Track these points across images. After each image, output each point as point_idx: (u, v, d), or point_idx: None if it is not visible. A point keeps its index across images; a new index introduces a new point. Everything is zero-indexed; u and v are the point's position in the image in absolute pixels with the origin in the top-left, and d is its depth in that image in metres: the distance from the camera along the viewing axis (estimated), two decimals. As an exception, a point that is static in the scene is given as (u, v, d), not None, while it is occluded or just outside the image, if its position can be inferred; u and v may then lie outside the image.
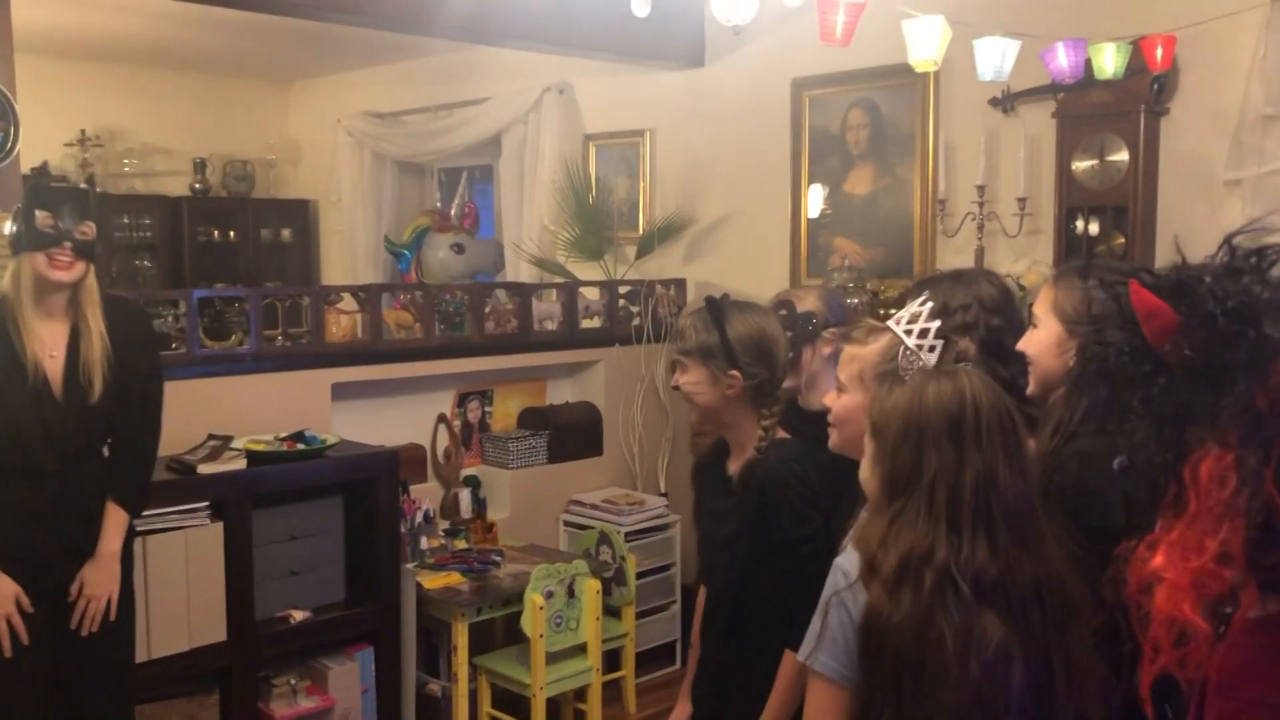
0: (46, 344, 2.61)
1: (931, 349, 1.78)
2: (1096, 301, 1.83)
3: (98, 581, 2.67)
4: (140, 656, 2.98)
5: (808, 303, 2.59)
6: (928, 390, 1.57)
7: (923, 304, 1.86)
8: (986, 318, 2.13)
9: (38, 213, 2.55)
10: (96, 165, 6.68)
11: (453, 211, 6.03)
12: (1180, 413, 0.97)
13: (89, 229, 2.60)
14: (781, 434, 2.22)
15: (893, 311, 1.96)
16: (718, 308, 2.22)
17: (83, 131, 6.59)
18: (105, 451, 2.77)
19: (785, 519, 2.09)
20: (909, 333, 1.82)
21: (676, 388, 2.27)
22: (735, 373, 2.17)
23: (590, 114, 5.75)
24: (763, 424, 2.19)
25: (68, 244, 2.55)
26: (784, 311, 2.59)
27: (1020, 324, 2.12)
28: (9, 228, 2.63)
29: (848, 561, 1.59)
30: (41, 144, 5.72)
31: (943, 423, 1.54)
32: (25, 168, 3.49)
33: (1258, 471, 0.90)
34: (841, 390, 1.88)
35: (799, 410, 2.50)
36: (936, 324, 1.82)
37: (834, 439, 1.90)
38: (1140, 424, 1.00)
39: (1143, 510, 1.01)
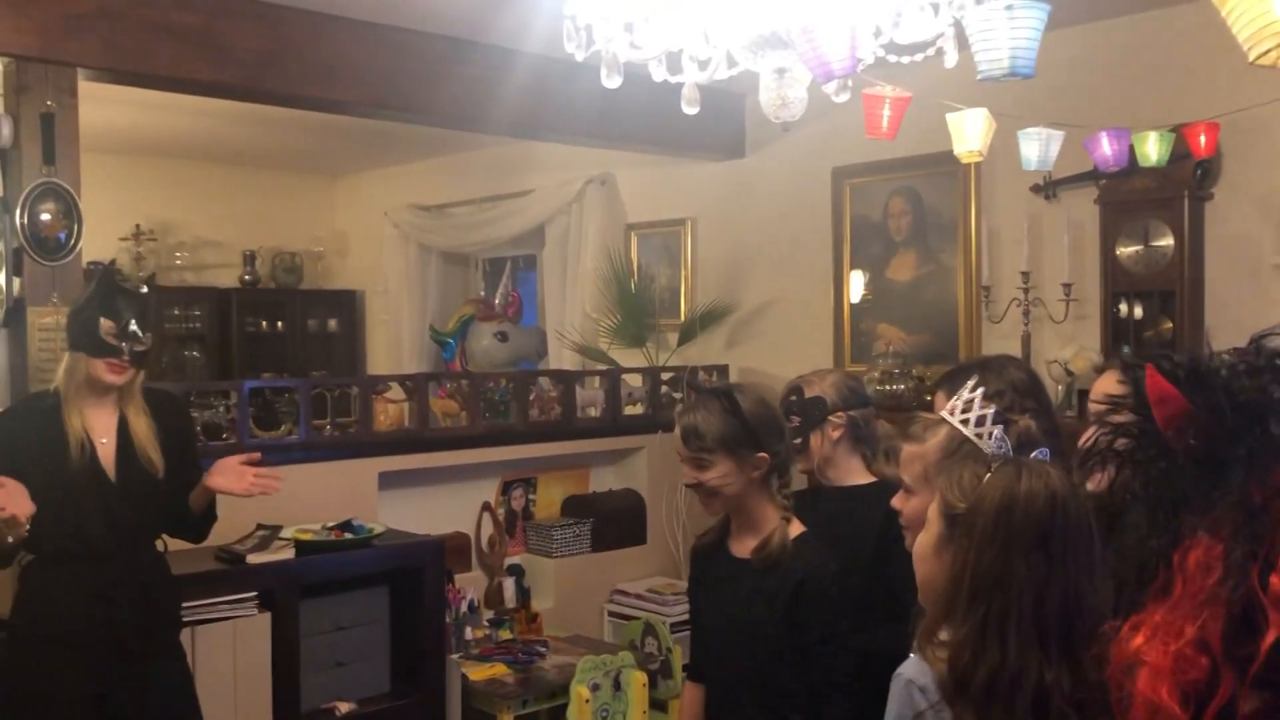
0: (97, 431, 2.70)
1: (991, 435, 1.76)
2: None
3: (228, 480, 2.76)
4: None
5: (818, 388, 2.58)
6: (1019, 488, 1.48)
7: (974, 390, 1.84)
8: (1020, 402, 2.12)
9: (102, 320, 2.63)
10: (150, 258, 6.85)
11: (497, 300, 6.11)
12: (1177, 499, 0.97)
13: (147, 340, 2.71)
14: (797, 525, 2.21)
15: (929, 399, 1.96)
16: (727, 395, 2.18)
17: (137, 226, 6.77)
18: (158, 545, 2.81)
19: (826, 617, 2.10)
20: (965, 422, 1.80)
21: (696, 485, 2.21)
22: (762, 455, 2.15)
23: (632, 204, 5.83)
24: (782, 496, 2.19)
25: (126, 357, 2.66)
26: (793, 397, 2.58)
27: (1050, 407, 2.12)
28: (68, 321, 2.72)
29: (919, 674, 1.49)
30: (99, 238, 5.88)
31: (1034, 529, 1.45)
32: (84, 262, 3.58)
33: (1243, 565, 0.91)
34: (910, 492, 1.83)
35: (822, 490, 2.50)
36: (992, 410, 1.80)
37: (909, 541, 1.86)
38: (1136, 505, 1.01)
39: (1131, 592, 1.03)
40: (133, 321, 2.67)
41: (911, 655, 1.54)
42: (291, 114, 4.88)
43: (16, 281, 3.33)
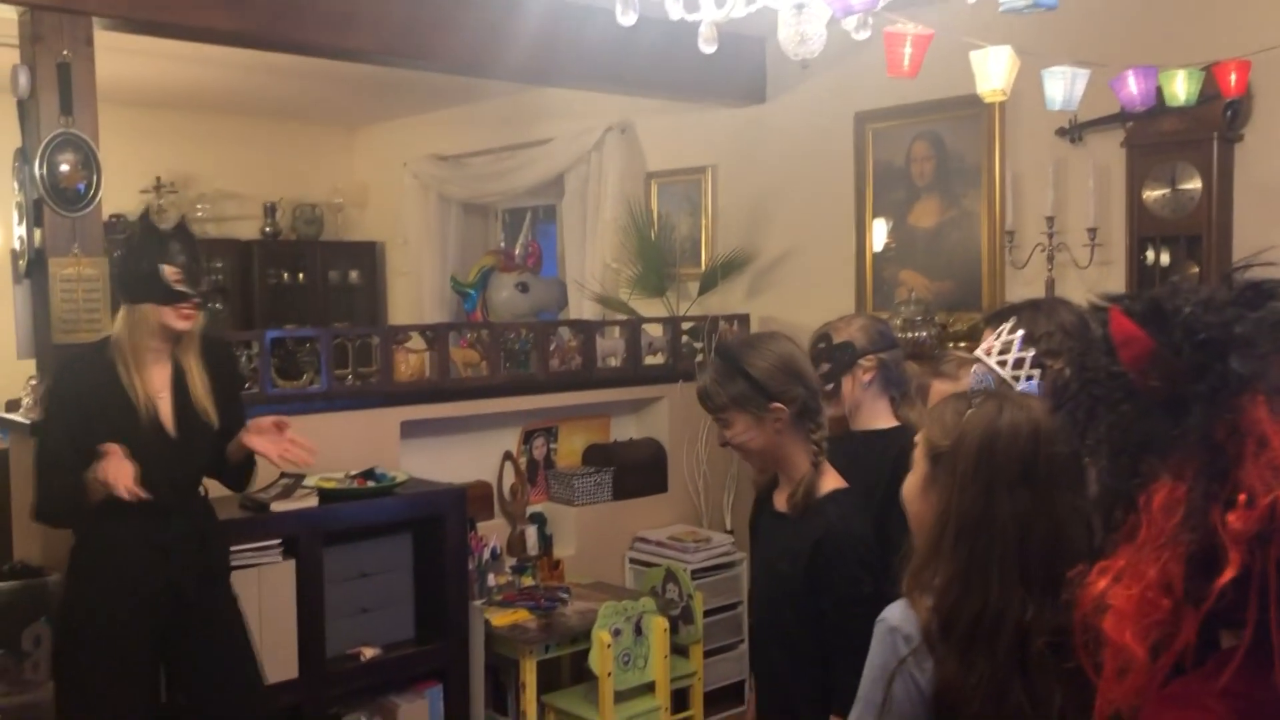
0: (155, 385, 2.70)
1: (1029, 378, 1.74)
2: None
3: (264, 443, 2.76)
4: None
5: (846, 333, 2.56)
6: (1000, 421, 1.46)
7: (1013, 333, 1.81)
8: (1069, 344, 2.09)
9: (164, 268, 2.63)
10: (171, 211, 6.85)
11: (517, 251, 6.09)
12: (1140, 441, 0.96)
13: (207, 281, 2.75)
14: (834, 476, 2.16)
15: (961, 345, 1.93)
16: (731, 355, 2.16)
17: (158, 178, 6.78)
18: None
19: (838, 581, 2.04)
20: (1002, 364, 1.78)
21: (726, 445, 2.21)
22: (776, 405, 2.11)
23: (652, 152, 5.79)
24: (813, 439, 2.13)
25: (196, 299, 2.67)
26: (822, 344, 2.56)
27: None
28: (120, 274, 2.74)
29: (903, 621, 1.47)
30: (119, 191, 5.89)
31: (1017, 463, 1.43)
32: (105, 214, 3.59)
33: (1204, 504, 0.90)
34: None
35: (846, 434, 2.47)
36: (1031, 353, 1.77)
37: None
38: (1100, 449, 1.00)
39: (1100, 536, 1.02)
40: (192, 262, 2.68)
41: (899, 600, 1.51)
42: (310, 64, 4.85)
43: (37, 233, 3.34)
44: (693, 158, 5.54)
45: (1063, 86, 3.01)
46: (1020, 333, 1.79)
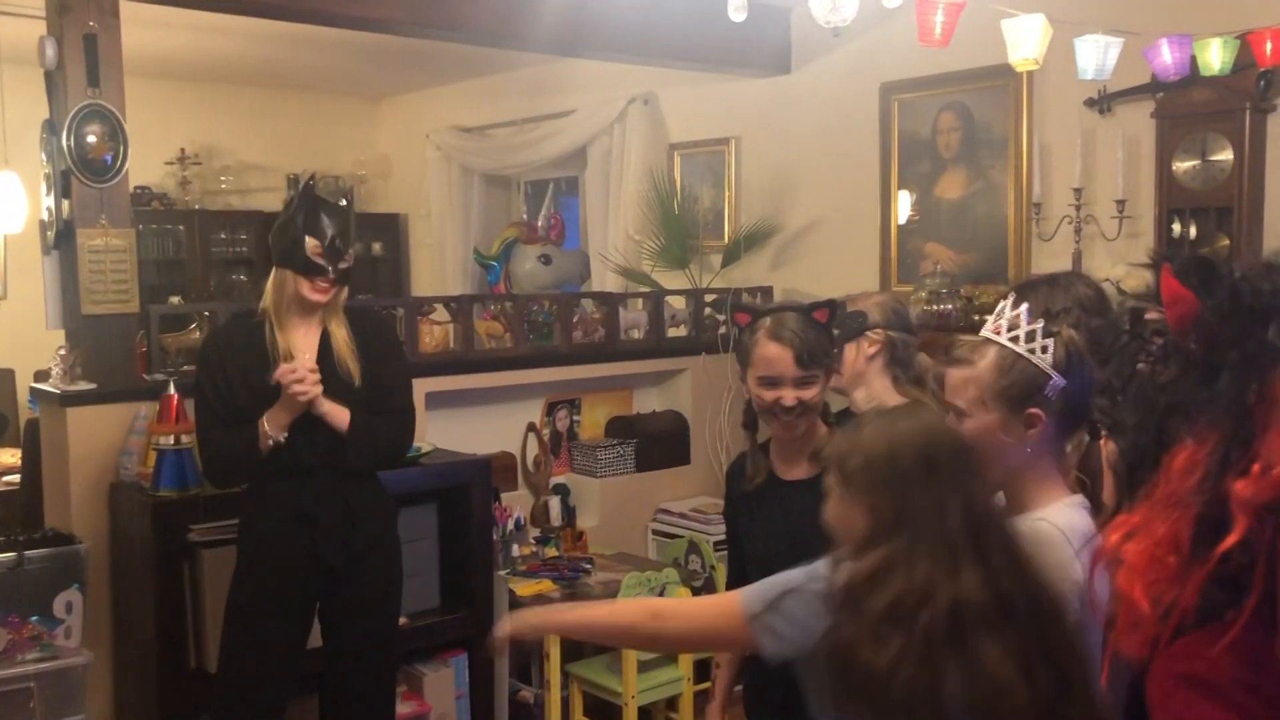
0: (300, 346, 2.73)
1: (1044, 350, 1.74)
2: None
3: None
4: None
5: (861, 304, 2.55)
6: (896, 430, 1.60)
7: (1016, 308, 1.80)
8: (1087, 320, 2.08)
9: (307, 239, 2.65)
10: (195, 182, 6.89)
11: (539, 223, 6.08)
12: (1170, 401, 0.98)
13: (350, 257, 2.75)
14: None
15: (985, 318, 1.91)
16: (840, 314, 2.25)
17: (182, 150, 6.80)
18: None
19: None
20: (1014, 340, 1.77)
21: (795, 407, 2.18)
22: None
23: (675, 123, 5.76)
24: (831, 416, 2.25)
25: (331, 275, 2.68)
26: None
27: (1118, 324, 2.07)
28: (274, 236, 2.75)
29: (825, 569, 1.60)
30: (144, 162, 5.91)
31: (919, 461, 1.55)
32: (131, 186, 3.60)
33: (1219, 470, 0.91)
34: (963, 416, 1.79)
35: (851, 416, 2.47)
36: (1041, 324, 1.77)
37: None
38: (1126, 406, 1.01)
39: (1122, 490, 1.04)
40: (337, 239, 2.69)
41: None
42: (333, 35, 4.84)
43: (65, 204, 3.36)
44: (716, 129, 5.52)
45: (1095, 55, 2.98)
46: (1025, 306, 1.78)
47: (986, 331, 1.80)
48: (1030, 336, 1.75)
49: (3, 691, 2.95)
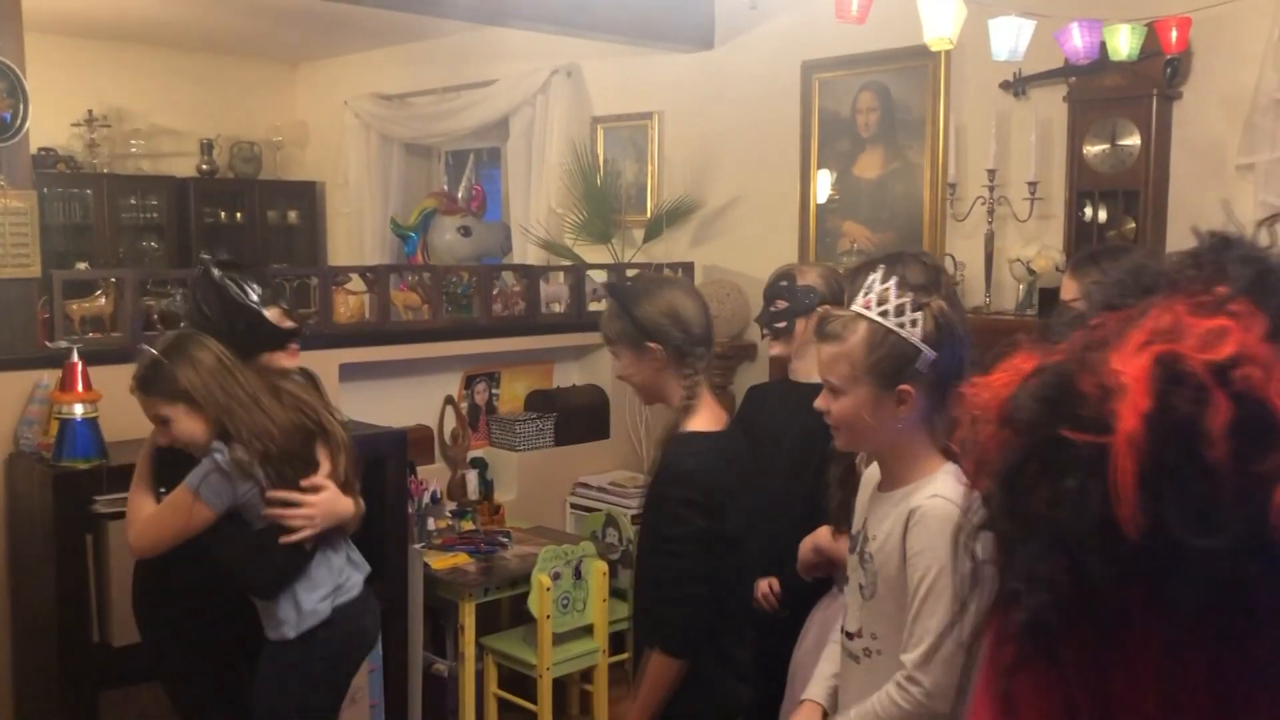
0: None
1: (914, 323, 1.74)
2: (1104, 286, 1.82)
3: None
4: (129, 638, 2.94)
5: (809, 277, 2.63)
6: None
7: (885, 282, 1.79)
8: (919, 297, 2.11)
9: (268, 311, 2.53)
10: (104, 146, 6.68)
11: (460, 194, 6.02)
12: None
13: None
14: (704, 418, 2.24)
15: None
16: (621, 294, 2.33)
17: (90, 112, 6.58)
18: None
19: (666, 514, 2.17)
20: (884, 314, 1.76)
21: (620, 377, 2.39)
22: (653, 345, 2.24)
23: (599, 96, 5.73)
24: (684, 384, 2.25)
25: (303, 330, 2.61)
26: (784, 283, 2.63)
27: (956, 298, 2.08)
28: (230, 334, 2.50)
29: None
30: (50, 123, 5.71)
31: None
32: (34, 147, 3.48)
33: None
34: (837, 392, 1.79)
35: (797, 388, 2.54)
36: (910, 298, 1.76)
37: (843, 441, 1.86)
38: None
39: None
40: (279, 294, 2.61)
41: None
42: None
43: (-39, 163, 3.23)
44: (640, 103, 5.50)
45: (1009, 37, 3.03)
46: (894, 279, 1.77)
47: (856, 306, 1.78)
48: (900, 310, 1.75)
49: (-106, 667, 2.85)
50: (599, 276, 4.86)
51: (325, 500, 2.46)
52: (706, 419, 2.24)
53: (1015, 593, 0.64)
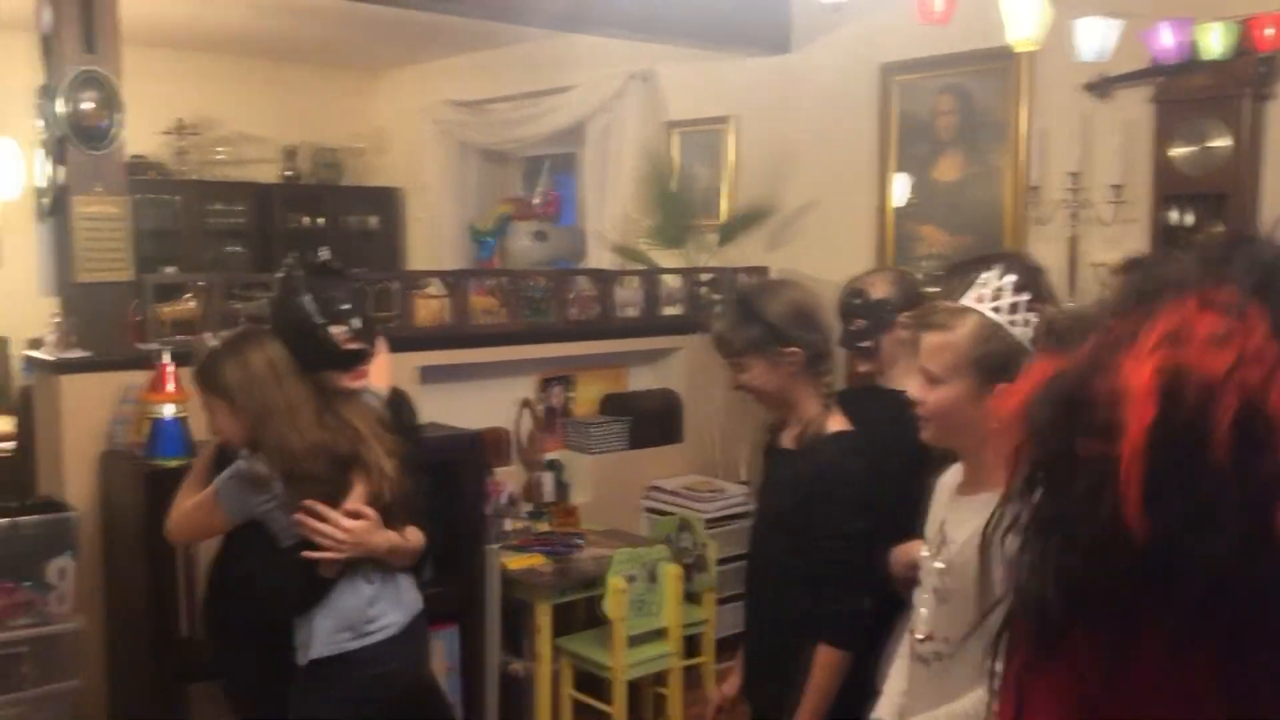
0: None
1: (1026, 323, 1.73)
2: None
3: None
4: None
5: (880, 288, 2.57)
6: None
7: (1000, 280, 1.78)
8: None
9: (333, 329, 2.36)
10: (192, 153, 6.86)
11: (535, 200, 6.07)
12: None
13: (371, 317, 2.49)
14: (840, 420, 2.21)
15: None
16: (747, 300, 2.25)
17: (179, 120, 6.77)
18: None
19: (829, 515, 2.13)
20: (996, 310, 1.75)
21: (739, 388, 2.28)
22: (792, 349, 2.18)
23: (674, 101, 5.74)
24: (824, 383, 2.21)
25: (371, 350, 2.44)
26: (858, 300, 2.57)
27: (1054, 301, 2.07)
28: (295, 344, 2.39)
29: None
30: (140, 132, 5.87)
31: None
32: (127, 153, 3.58)
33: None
34: (935, 382, 1.78)
35: (881, 391, 2.49)
36: (1026, 298, 1.75)
37: (930, 433, 1.84)
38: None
39: None
40: (359, 308, 2.41)
41: None
42: (334, 6, 4.81)
43: (60, 170, 3.34)
44: (715, 108, 5.50)
45: (1096, 37, 2.98)
46: (1011, 278, 1.76)
47: (968, 300, 1.77)
48: (1013, 309, 1.74)
49: (-5, 656, 2.96)
50: (672, 281, 4.87)
51: (360, 528, 2.33)
52: (841, 421, 2.22)
53: (1029, 591, 0.66)
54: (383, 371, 2.64)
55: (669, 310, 4.82)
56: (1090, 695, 0.65)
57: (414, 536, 2.50)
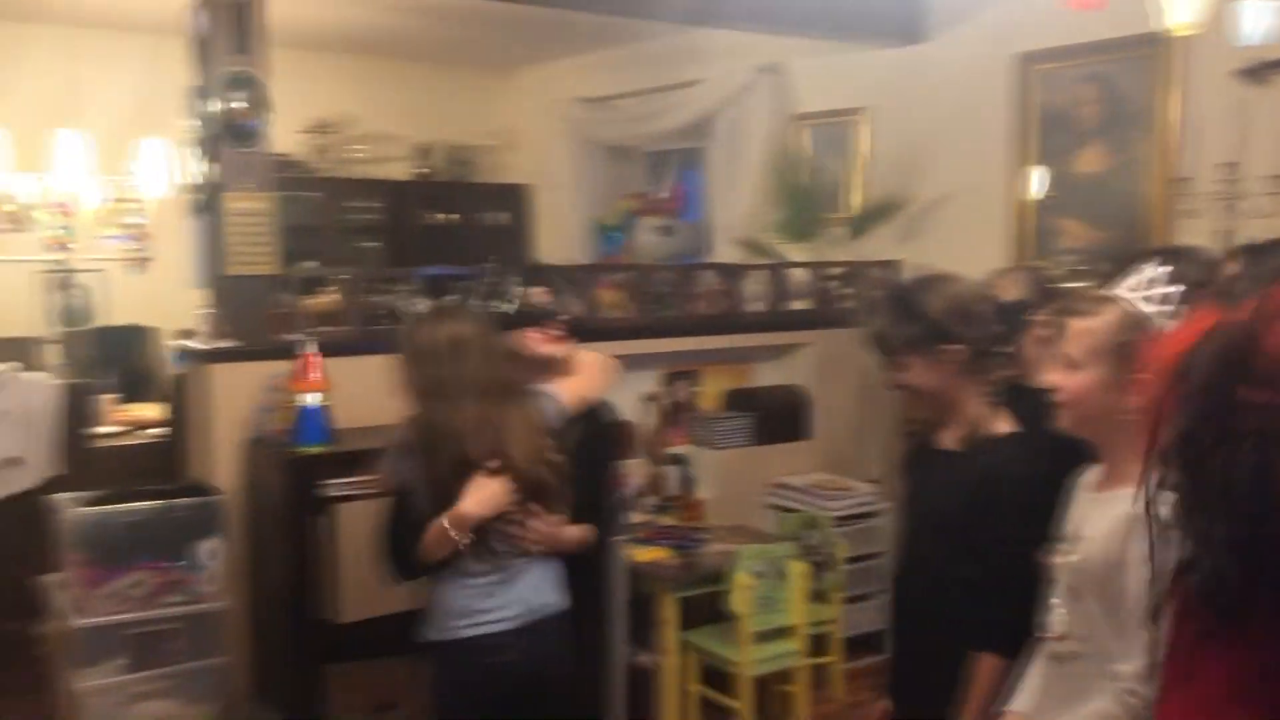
0: None
1: (1171, 315, 1.66)
2: None
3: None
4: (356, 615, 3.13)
5: (1011, 290, 2.49)
6: None
7: (1154, 271, 1.73)
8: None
9: (534, 290, 2.59)
10: (330, 151, 7.08)
11: (660, 195, 6.09)
12: None
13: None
14: (1007, 420, 2.13)
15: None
16: (907, 296, 2.14)
17: (318, 119, 6.99)
18: None
19: (998, 520, 2.02)
20: (1147, 300, 1.70)
21: (899, 387, 2.17)
22: (954, 346, 2.07)
23: (803, 93, 5.69)
24: (987, 381, 2.11)
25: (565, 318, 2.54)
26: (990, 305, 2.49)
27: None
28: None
29: None
30: (282, 131, 6.08)
31: None
32: (273, 150, 3.72)
33: None
34: (1074, 367, 1.75)
35: (1022, 390, 2.40)
36: (1179, 289, 1.69)
37: (1067, 420, 1.79)
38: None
39: None
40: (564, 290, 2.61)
41: None
42: (468, 5, 4.89)
43: (212, 167, 3.49)
44: (845, 99, 5.42)
45: (1257, 19, 2.83)
46: (1166, 268, 1.70)
47: (1119, 289, 1.74)
48: (1162, 299, 1.69)
49: (148, 632, 3.11)
50: (800, 276, 4.82)
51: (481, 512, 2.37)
52: (1008, 420, 2.11)
53: (1195, 558, 0.63)
54: (579, 384, 2.67)
55: (796, 305, 4.78)
56: (1270, 662, 0.61)
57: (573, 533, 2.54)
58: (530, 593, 2.50)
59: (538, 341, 2.54)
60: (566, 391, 2.63)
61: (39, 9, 5.54)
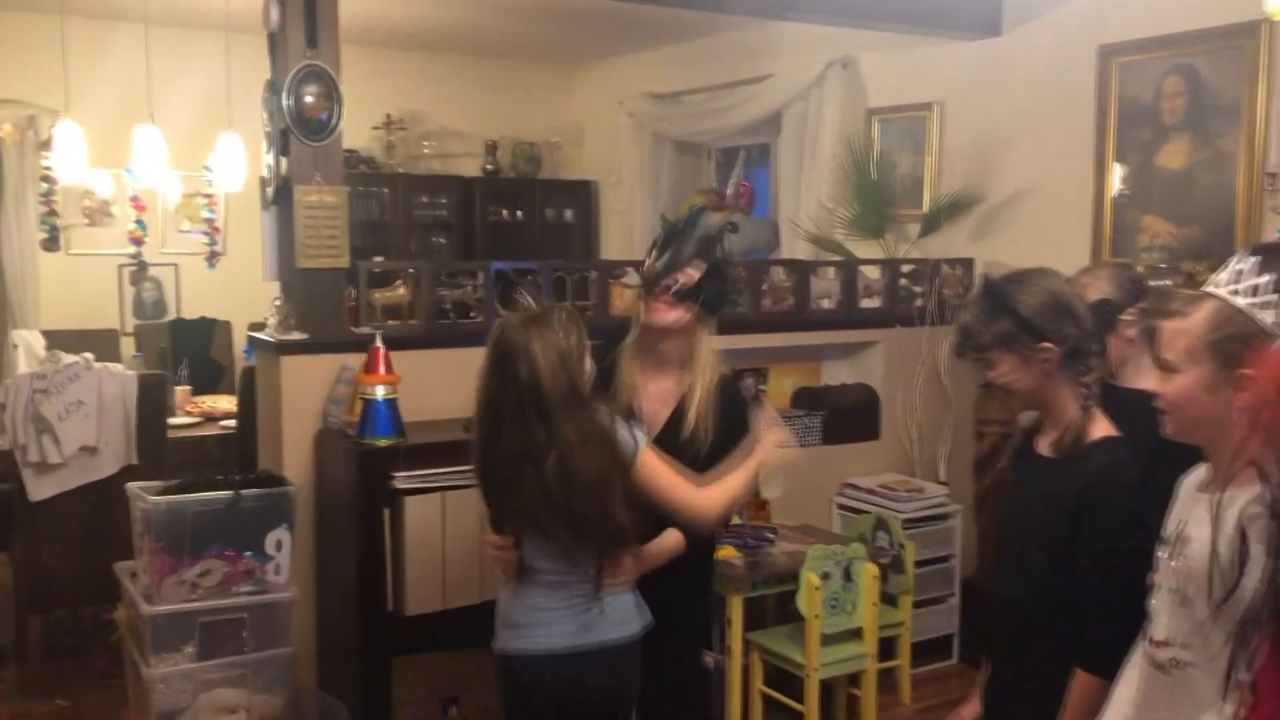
0: (651, 396, 2.53)
1: (1267, 306, 1.59)
2: None
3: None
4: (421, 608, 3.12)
5: (1096, 289, 2.39)
6: None
7: (1247, 264, 1.65)
8: None
9: (653, 254, 2.47)
10: (400, 147, 7.14)
11: (728, 191, 6.03)
12: None
13: (691, 273, 2.45)
14: (1105, 423, 2.04)
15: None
16: (998, 291, 2.05)
17: (388, 115, 7.05)
18: None
19: (1102, 530, 1.94)
20: (1236, 293, 1.63)
21: (989, 386, 2.09)
22: (1047, 345, 2.00)
23: (875, 88, 5.60)
24: (1083, 381, 2.02)
25: (671, 287, 2.42)
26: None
27: None
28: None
29: None
30: (352, 126, 6.14)
31: None
32: (343, 145, 3.73)
33: None
34: (1172, 370, 1.69)
35: (1115, 390, 2.31)
36: (1270, 278, 1.61)
37: (1171, 426, 1.73)
38: None
39: None
40: (683, 249, 2.42)
41: None
42: (536, 1, 4.87)
43: (284, 161, 3.51)
44: (919, 93, 5.33)
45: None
46: (1253, 259, 1.63)
47: (1208, 286, 1.69)
48: (1255, 290, 1.61)
49: (218, 620, 3.14)
50: (871, 273, 4.74)
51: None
52: (1105, 424, 2.03)
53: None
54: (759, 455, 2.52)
55: (867, 303, 4.70)
56: None
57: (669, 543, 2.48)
58: (601, 619, 2.36)
59: (646, 311, 2.48)
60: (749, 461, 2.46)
61: (117, 7, 5.65)
